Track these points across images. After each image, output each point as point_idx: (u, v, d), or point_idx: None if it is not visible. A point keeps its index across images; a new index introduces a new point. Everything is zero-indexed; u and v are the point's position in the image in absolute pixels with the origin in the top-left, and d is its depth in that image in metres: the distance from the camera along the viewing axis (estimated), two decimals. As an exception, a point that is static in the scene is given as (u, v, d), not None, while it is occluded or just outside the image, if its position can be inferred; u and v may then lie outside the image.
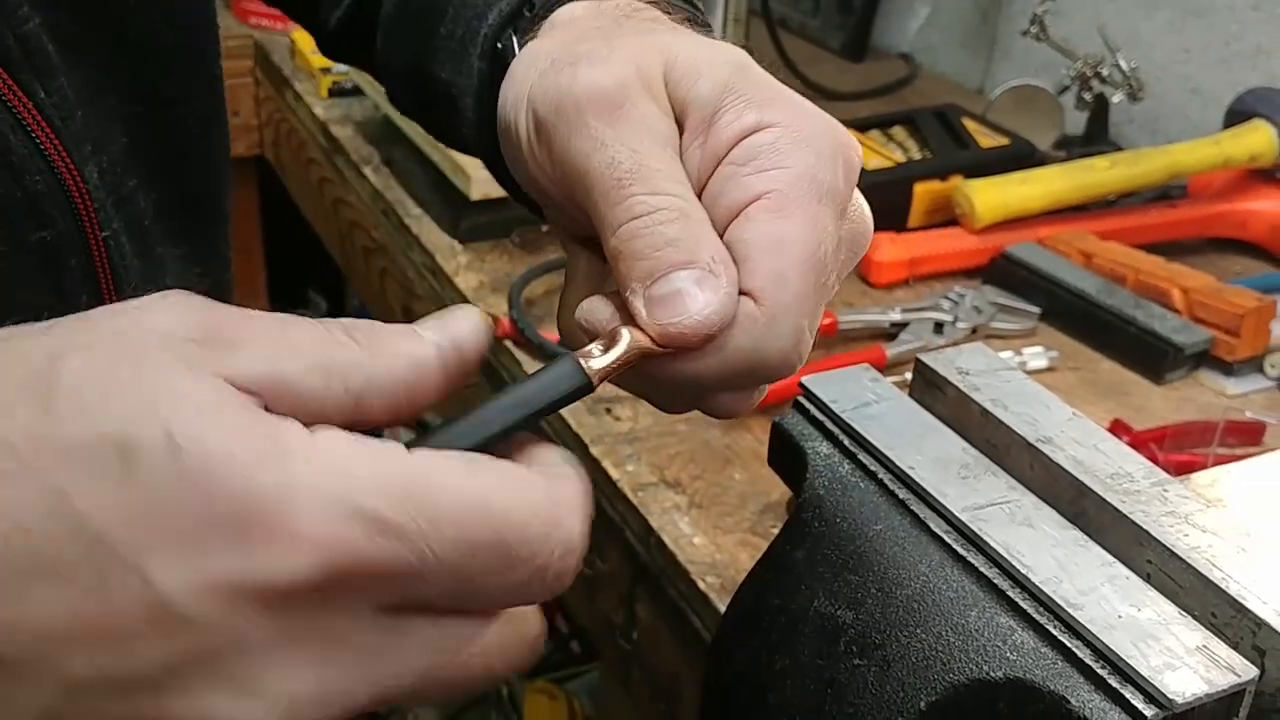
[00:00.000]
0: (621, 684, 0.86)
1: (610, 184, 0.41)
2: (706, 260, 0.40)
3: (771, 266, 0.40)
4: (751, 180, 0.41)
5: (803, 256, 0.41)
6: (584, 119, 0.42)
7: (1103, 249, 1.06)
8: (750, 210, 0.41)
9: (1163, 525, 0.48)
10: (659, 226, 0.40)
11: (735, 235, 0.41)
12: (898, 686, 0.46)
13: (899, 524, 0.50)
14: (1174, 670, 0.42)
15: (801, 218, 0.41)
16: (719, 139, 0.43)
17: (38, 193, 0.49)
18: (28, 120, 0.48)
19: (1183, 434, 0.84)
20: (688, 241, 0.40)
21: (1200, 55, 1.34)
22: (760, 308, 0.40)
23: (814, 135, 0.42)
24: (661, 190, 0.41)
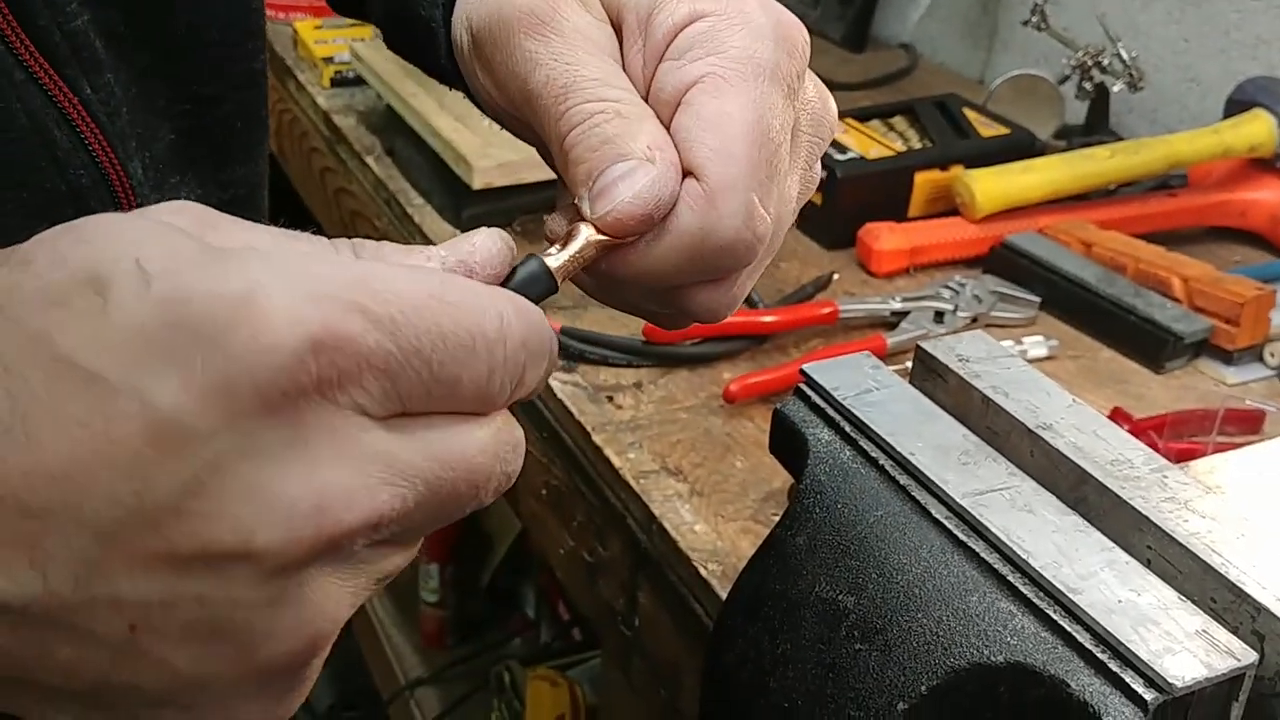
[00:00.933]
0: (623, 671, 0.87)
1: (550, 100, 0.42)
2: (642, 149, 0.40)
3: (710, 142, 0.41)
4: (689, 68, 0.42)
5: (743, 131, 0.41)
6: (516, 39, 0.43)
7: (1103, 238, 1.06)
8: (688, 95, 0.42)
9: (1162, 511, 0.48)
10: (597, 128, 0.41)
11: (676, 123, 0.42)
12: (899, 671, 0.47)
13: (900, 510, 0.51)
14: (1174, 654, 0.43)
15: (740, 94, 0.41)
16: (655, 37, 0.43)
17: (82, 187, 0.49)
18: (73, 115, 0.49)
19: (1182, 422, 0.85)
20: (624, 137, 0.41)
21: (1200, 45, 1.34)
22: (703, 184, 0.41)
23: (749, 18, 0.43)
24: (596, 96, 0.41)
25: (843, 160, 1.11)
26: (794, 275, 1.07)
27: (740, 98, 0.41)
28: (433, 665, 1.82)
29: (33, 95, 0.48)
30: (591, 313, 0.99)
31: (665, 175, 0.40)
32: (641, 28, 0.44)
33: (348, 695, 2.05)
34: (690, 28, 0.43)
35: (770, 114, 0.42)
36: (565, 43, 0.43)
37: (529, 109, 0.43)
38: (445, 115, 1.13)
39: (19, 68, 0.47)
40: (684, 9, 0.43)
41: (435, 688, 1.79)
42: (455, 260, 0.36)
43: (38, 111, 0.48)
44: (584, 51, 0.43)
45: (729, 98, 0.41)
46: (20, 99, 0.47)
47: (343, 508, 0.30)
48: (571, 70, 0.42)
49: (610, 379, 0.91)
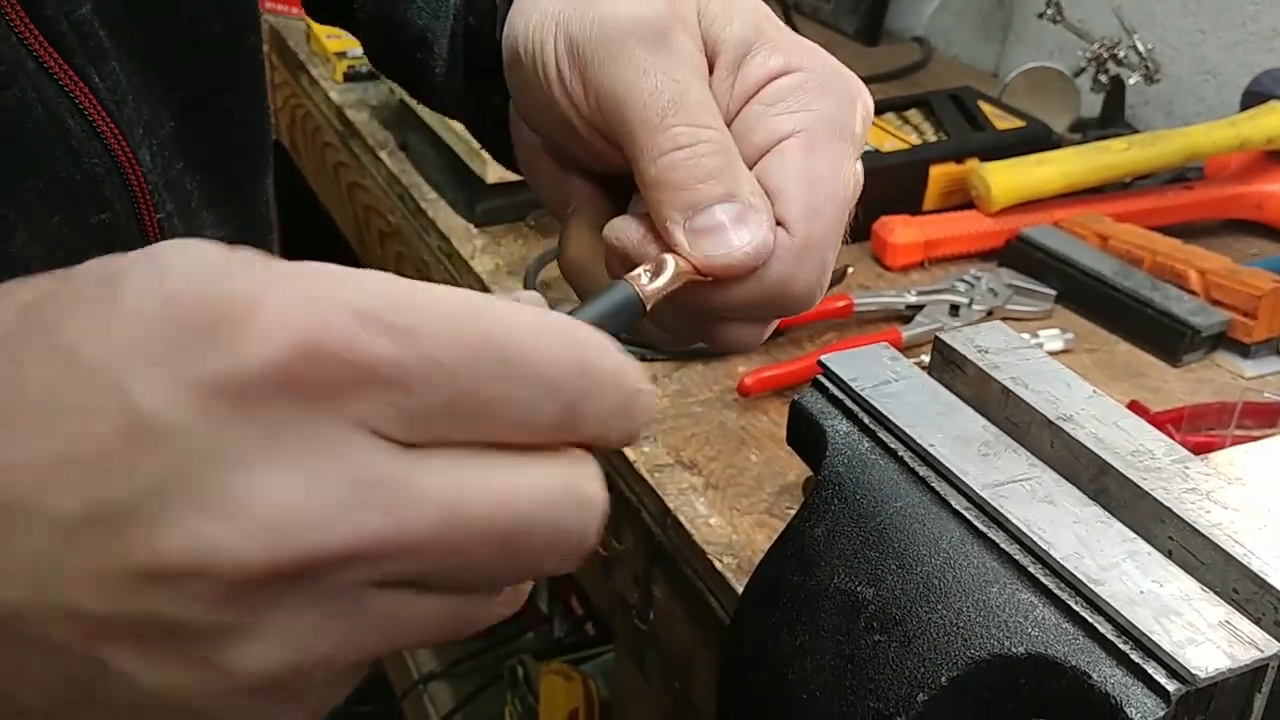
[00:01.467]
0: (637, 665, 0.87)
1: (653, 112, 0.42)
2: (746, 194, 0.42)
3: (804, 200, 0.42)
4: (782, 120, 0.43)
5: (831, 192, 0.43)
6: (628, 45, 0.43)
7: (1119, 231, 1.06)
8: (782, 147, 0.43)
9: (1184, 502, 0.48)
10: (701, 159, 0.41)
11: (766, 170, 0.43)
12: (918, 662, 0.46)
13: (919, 501, 0.50)
14: (1196, 645, 0.42)
15: (829, 156, 0.43)
16: (748, 80, 0.44)
17: (96, 175, 0.50)
18: (84, 104, 0.49)
19: (1200, 415, 0.84)
20: (729, 175, 0.42)
21: (1216, 37, 1.34)
22: (793, 239, 0.42)
23: (835, 81, 0.45)
24: (702, 122, 0.42)
25: (857, 153, 1.10)
26: (808, 269, 1.07)
27: (828, 157, 0.43)
28: (446, 659, 1.82)
29: (45, 85, 0.48)
30: (606, 306, 0.99)
31: (771, 228, 0.42)
32: (735, 66, 0.45)
33: (360, 689, 2.04)
34: (783, 79, 0.44)
35: (849, 177, 0.44)
36: (675, 60, 0.43)
37: (621, 117, 0.43)
38: (459, 109, 1.13)
39: (30, 58, 0.48)
40: (779, 60, 0.45)
41: (448, 682, 1.79)
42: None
43: (51, 101, 0.48)
44: (690, 73, 0.43)
45: (819, 158, 0.43)
46: (35, 89, 0.48)
47: (315, 527, 0.27)
48: (679, 88, 0.42)
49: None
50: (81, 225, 0.50)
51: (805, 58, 0.45)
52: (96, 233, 0.51)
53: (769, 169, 0.43)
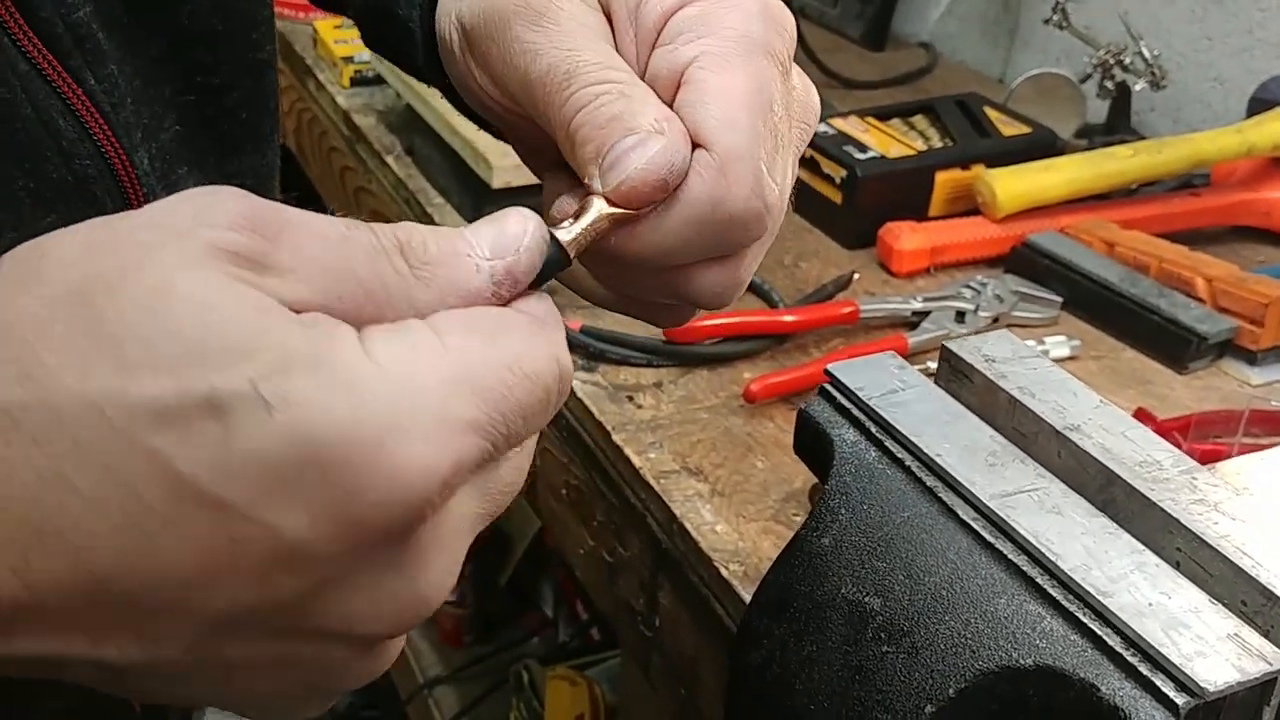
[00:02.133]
0: (643, 671, 0.86)
1: (552, 88, 0.42)
2: (649, 123, 0.41)
3: (715, 113, 0.41)
4: (682, 50, 0.43)
5: (747, 102, 0.41)
6: (513, 31, 0.43)
7: (1125, 238, 1.05)
8: (687, 73, 0.42)
9: (1192, 513, 0.48)
10: (601, 108, 0.41)
11: (679, 99, 0.42)
12: (926, 673, 0.46)
13: (926, 511, 0.50)
14: (1205, 658, 0.42)
15: (739, 68, 0.42)
16: (646, 24, 0.44)
17: (88, 176, 0.50)
18: (76, 106, 0.49)
19: (1207, 423, 0.84)
20: (630, 113, 0.41)
21: (1222, 43, 1.33)
22: (712, 153, 0.41)
23: (740, 3, 0.43)
24: (599, 79, 0.42)
25: (863, 159, 1.10)
26: (814, 275, 1.07)
27: (739, 71, 0.42)
28: (451, 664, 1.82)
29: (37, 87, 0.48)
30: (612, 313, 0.99)
31: (676, 143, 0.40)
32: (632, 17, 0.44)
33: (366, 694, 2.06)
34: (679, 13, 0.43)
35: (770, 87, 0.42)
36: (563, 31, 0.43)
37: (529, 99, 0.43)
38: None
39: (23, 59, 0.48)
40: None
41: (454, 686, 1.79)
42: (503, 270, 0.36)
43: (42, 103, 0.48)
44: (582, 38, 0.43)
45: (728, 72, 0.42)
46: (25, 90, 0.48)
47: (440, 595, 0.34)
48: (573, 56, 0.42)
49: (630, 379, 0.91)
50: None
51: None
52: None
53: (682, 101, 0.42)
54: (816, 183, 1.13)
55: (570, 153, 0.42)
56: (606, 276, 0.45)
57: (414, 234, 0.35)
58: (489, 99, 0.47)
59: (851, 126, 1.17)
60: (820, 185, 1.13)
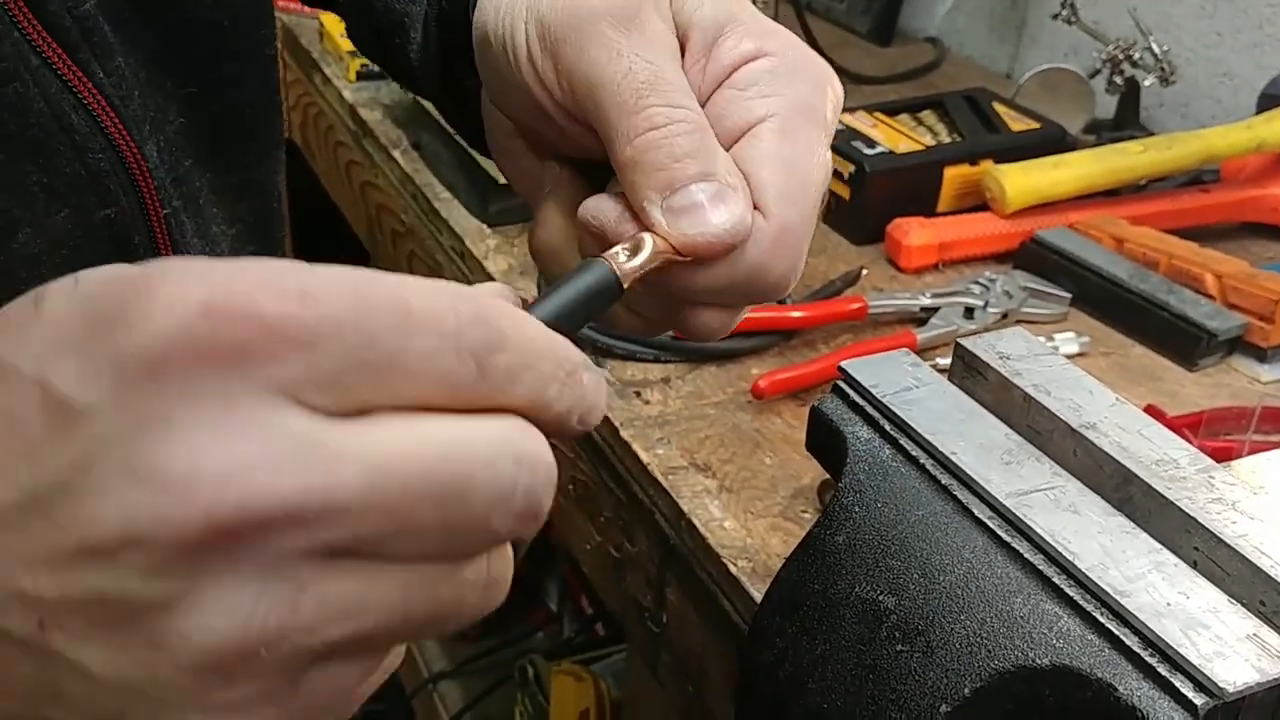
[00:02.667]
0: (649, 667, 0.86)
1: (627, 93, 0.42)
2: (723, 174, 0.41)
3: (779, 185, 0.42)
4: (755, 104, 0.43)
5: (806, 178, 0.43)
6: (600, 28, 0.43)
7: (1134, 234, 1.05)
8: (756, 131, 0.43)
9: (1210, 512, 0.47)
10: (677, 138, 0.41)
11: (741, 155, 0.42)
12: (941, 673, 0.46)
13: (941, 510, 0.50)
14: (1224, 659, 0.42)
15: (803, 141, 0.43)
16: (720, 63, 0.44)
17: (101, 170, 0.50)
18: (88, 99, 0.49)
19: (1218, 420, 0.84)
20: (705, 155, 0.41)
21: (1232, 39, 1.33)
22: (769, 224, 0.42)
23: (806, 66, 0.45)
24: (676, 103, 0.42)
25: (871, 155, 1.10)
26: (822, 271, 1.06)
27: (803, 142, 0.43)
28: (456, 658, 1.82)
29: (48, 80, 0.48)
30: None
31: (749, 209, 0.41)
32: (706, 50, 0.45)
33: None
34: (755, 63, 0.44)
35: (826, 166, 0.44)
36: (648, 41, 0.43)
37: (595, 99, 0.43)
38: (472, 108, 1.13)
39: (33, 53, 0.48)
40: (750, 44, 0.44)
41: (458, 681, 1.79)
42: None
43: (54, 96, 0.48)
44: (663, 55, 0.43)
45: (796, 143, 0.43)
46: (37, 84, 0.48)
47: (240, 487, 0.27)
48: (653, 69, 0.42)
49: (638, 374, 0.91)
50: (87, 221, 0.50)
51: (776, 42, 0.45)
52: (102, 228, 0.51)
53: (743, 154, 0.43)
54: (824, 178, 1.13)
55: (629, 166, 0.42)
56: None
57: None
58: (544, 91, 0.46)
59: (859, 122, 1.17)
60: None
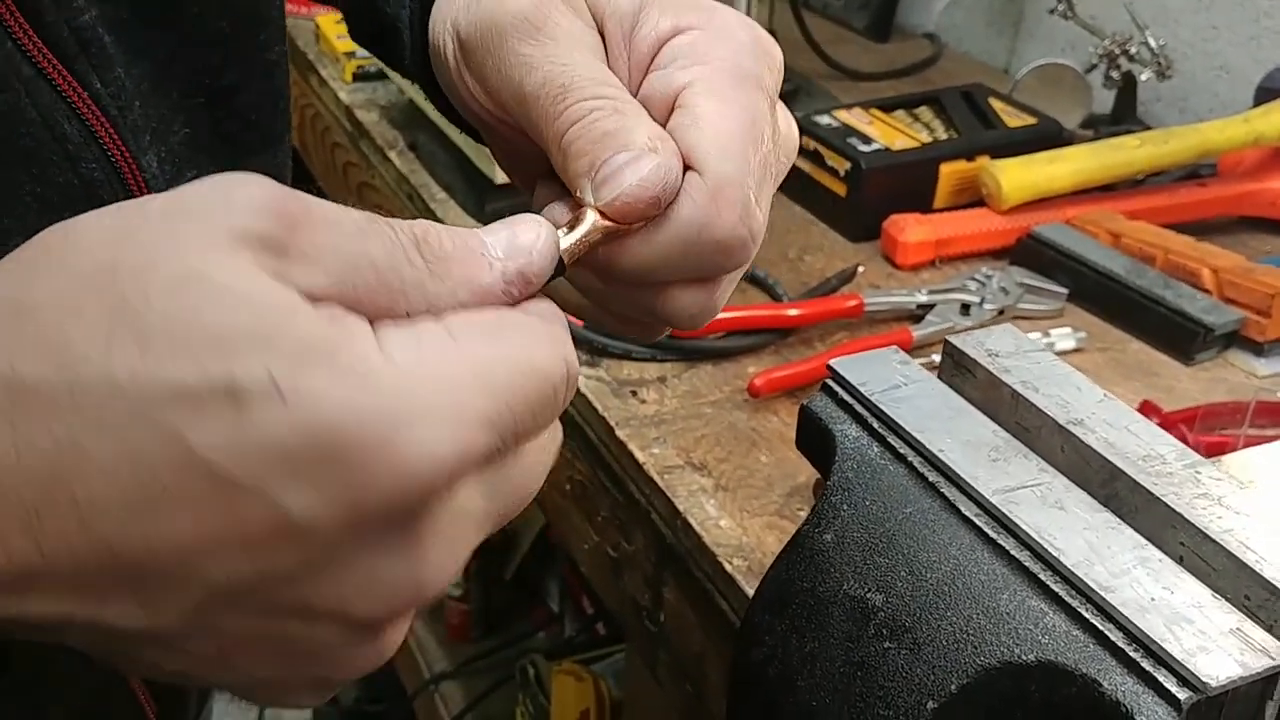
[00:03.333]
0: (648, 666, 0.86)
1: (547, 102, 0.42)
2: (643, 141, 0.41)
3: (709, 138, 0.42)
4: (677, 75, 0.43)
5: (740, 130, 0.42)
6: (509, 45, 0.44)
7: (1131, 229, 1.05)
8: (681, 98, 0.43)
9: (1195, 507, 0.47)
10: (596, 123, 0.41)
11: (674, 126, 0.43)
12: (928, 669, 0.46)
13: (929, 507, 0.50)
14: (1207, 653, 0.42)
15: (734, 97, 0.43)
16: (641, 48, 0.45)
17: (94, 180, 0.50)
18: (82, 109, 0.49)
19: (1213, 415, 0.84)
20: (625, 130, 0.41)
21: (1229, 32, 1.33)
22: (704, 178, 0.42)
23: (731, 32, 0.44)
24: (593, 94, 0.42)
25: (867, 151, 1.10)
26: (818, 268, 1.07)
27: (733, 101, 0.43)
28: (456, 659, 1.82)
29: (42, 90, 0.48)
30: (615, 307, 0.99)
31: (669, 161, 0.41)
32: (625, 40, 0.45)
33: (372, 689, 2.06)
34: (674, 40, 0.44)
35: (761, 119, 0.43)
36: (558, 46, 0.43)
37: (523, 112, 0.44)
38: (468, 109, 1.13)
39: (27, 64, 0.48)
40: (667, 22, 0.44)
41: (459, 681, 1.79)
42: (515, 271, 0.37)
43: (47, 107, 0.48)
44: (578, 54, 0.43)
45: (722, 100, 0.43)
46: (29, 94, 0.48)
47: (438, 585, 0.34)
48: (568, 71, 0.43)
49: (634, 373, 0.91)
50: None
51: (695, 15, 0.45)
52: None
53: (675, 123, 0.43)
54: (820, 175, 1.13)
55: (562, 166, 0.42)
56: (587, 289, 0.46)
57: (430, 230, 0.36)
58: (480, 109, 0.48)
59: (855, 118, 1.17)
60: (824, 178, 1.13)
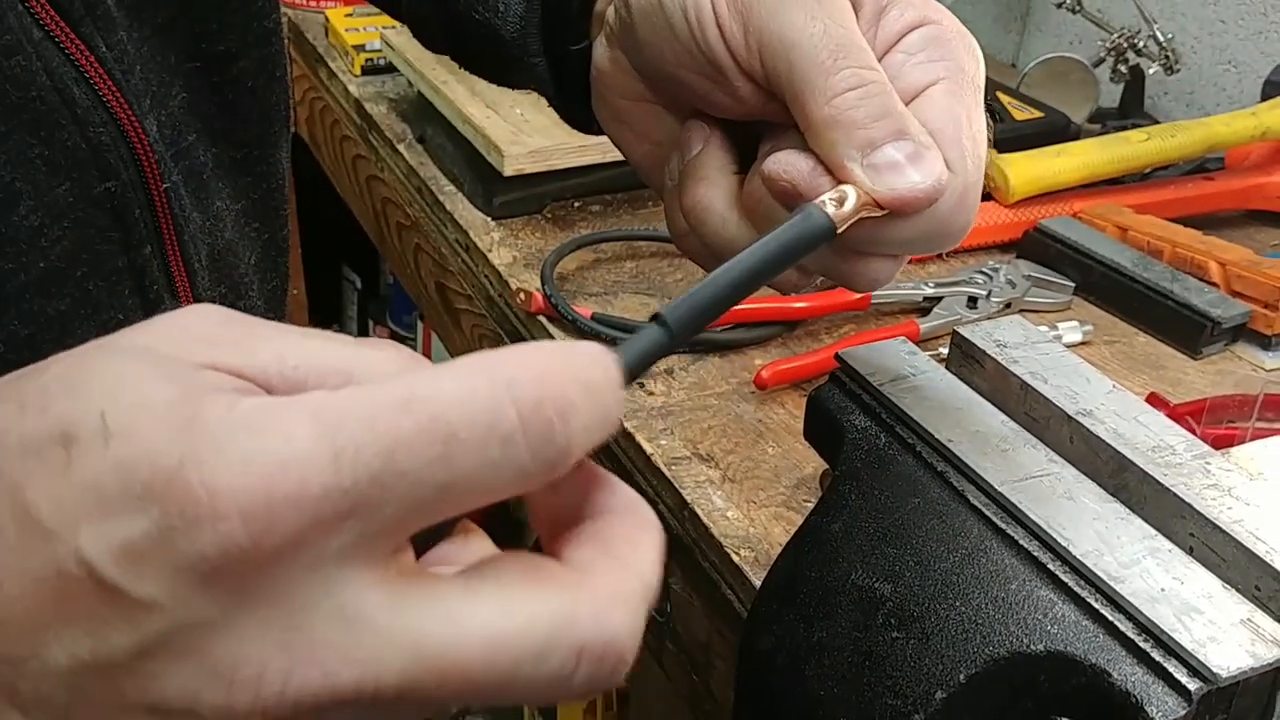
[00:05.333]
0: (655, 656, 0.87)
1: (824, 54, 0.44)
2: (917, 133, 0.44)
3: (961, 142, 0.45)
4: (925, 68, 0.46)
5: (978, 136, 0.45)
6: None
7: (1138, 222, 1.05)
8: (930, 93, 0.46)
9: (1205, 498, 0.47)
10: (873, 99, 0.44)
11: (919, 115, 0.45)
12: (936, 659, 0.46)
13: (938, 497, 0.50)
14: (1218, 644, 0.42)
15: (970, 103, 0.46)
16: (889, 29, 0.47)
17: (101, 143, 0.50)
18: (89, 72, 0.49)
19: (1221, 407, 0.84)
20: (900, 116, 0.44)
21: (1236, 27, 1.32)
22: (955, 179, 0.44)
23: (963, 34, 0.48)
24: (869, 64, 0.44)
25: (875, 145, 1.10)
26: (826, 261, 1.06)
27: (971, 106, 0.46)
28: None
29: (51, 53, 0.48)
30: (622, 299, 0.99)
31: (943, 166, 0.44)
32: (876, 18, 0.47)
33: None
34: (919, 31, 0.47)
35: (984, 123, 0.46)
36: (837, 6, 0.45)
37: (788, 60, 0.45)
38: (476, 103, 1.13)
39: (36, 26, 0.48)
40: (914, 14, 0.47)
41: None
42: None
43: (56, 70, 0.48)
44: (851, 20, 0.46)
45: (964, 104, 0.45)
46: (40, 57, 0.48)
47: (282, 680, 0.27)
48: (845, 33, 0.44)
49: (641, 365, 0.91)
50: (87, 194, 0.50)
51: (935, 13, 0.48)
52: (103, 201, 0.51)
53: (922, 114, 0.45)
54: (828, 168, 1.13)
55: (826, 125, 0.44)
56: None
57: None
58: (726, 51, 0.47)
59: (863, 112, 1.17)
60: (832, 171, 1.13)
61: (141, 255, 0.53)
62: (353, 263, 2.25)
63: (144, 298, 0.53)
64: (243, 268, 0.62)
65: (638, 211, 1.13)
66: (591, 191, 1.13)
